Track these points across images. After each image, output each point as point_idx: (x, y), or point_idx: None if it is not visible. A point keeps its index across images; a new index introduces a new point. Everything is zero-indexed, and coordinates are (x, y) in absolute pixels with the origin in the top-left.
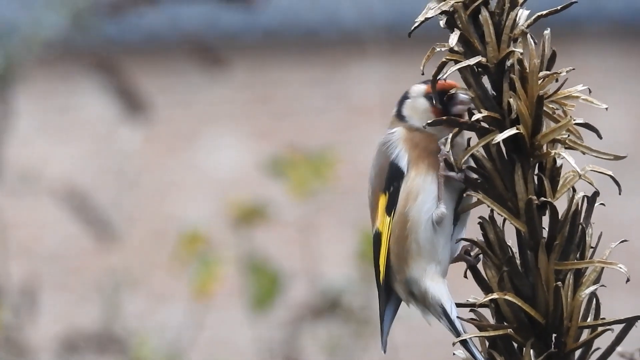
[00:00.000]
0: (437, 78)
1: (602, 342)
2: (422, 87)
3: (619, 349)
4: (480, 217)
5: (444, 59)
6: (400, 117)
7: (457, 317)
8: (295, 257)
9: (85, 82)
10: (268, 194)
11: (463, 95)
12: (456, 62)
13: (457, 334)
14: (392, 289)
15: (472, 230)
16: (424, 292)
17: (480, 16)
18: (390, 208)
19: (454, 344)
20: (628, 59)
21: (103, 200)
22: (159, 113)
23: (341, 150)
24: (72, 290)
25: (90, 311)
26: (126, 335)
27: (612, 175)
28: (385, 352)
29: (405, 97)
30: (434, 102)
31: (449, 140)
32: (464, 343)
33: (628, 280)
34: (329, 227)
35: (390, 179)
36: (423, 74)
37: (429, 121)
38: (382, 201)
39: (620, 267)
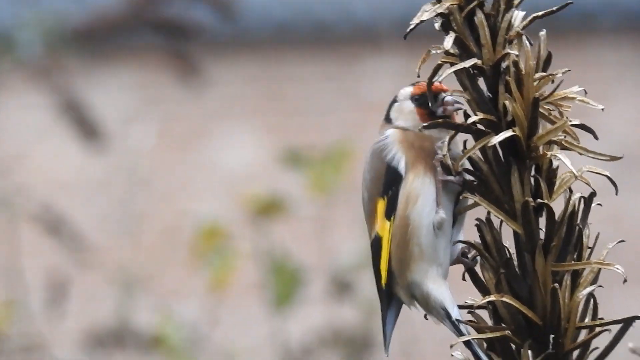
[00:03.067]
0: (433, 80)
1: (601, 342)
2: (409, 90)
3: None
4: (477, 220)
5: (439, 62)
6: (388, 120)
7: (457, 319)
8: (310, 252)
9: (94, 79)
10: (282, 189)
11: (449, 97)
12: (452, 64)
13: (461, 335)
14: (394, 293)
15: (469, 232)
16: (426, 295)
17: (475, 18)
18: (389, 212)
19: (451, 346)
20: None
21: (116, 197)
22: (171, 109)
23: (354, 146)
24: (85, 286)
25: (103, 308)
26: (144, 331)
27: (609, 175)
28: (388, 355)
29: (394, 100)
30: (429, 104)
31: (446, 143)
32: (467, 344)
33: (625, 280)
34: (342, 223)
35: (389, 183)
36: (419, 76)
37: (424, 124)
38: (381, 206)
39: (617, 268)
